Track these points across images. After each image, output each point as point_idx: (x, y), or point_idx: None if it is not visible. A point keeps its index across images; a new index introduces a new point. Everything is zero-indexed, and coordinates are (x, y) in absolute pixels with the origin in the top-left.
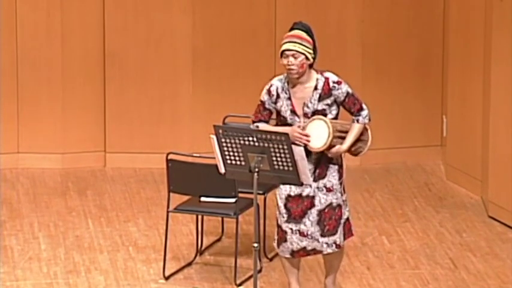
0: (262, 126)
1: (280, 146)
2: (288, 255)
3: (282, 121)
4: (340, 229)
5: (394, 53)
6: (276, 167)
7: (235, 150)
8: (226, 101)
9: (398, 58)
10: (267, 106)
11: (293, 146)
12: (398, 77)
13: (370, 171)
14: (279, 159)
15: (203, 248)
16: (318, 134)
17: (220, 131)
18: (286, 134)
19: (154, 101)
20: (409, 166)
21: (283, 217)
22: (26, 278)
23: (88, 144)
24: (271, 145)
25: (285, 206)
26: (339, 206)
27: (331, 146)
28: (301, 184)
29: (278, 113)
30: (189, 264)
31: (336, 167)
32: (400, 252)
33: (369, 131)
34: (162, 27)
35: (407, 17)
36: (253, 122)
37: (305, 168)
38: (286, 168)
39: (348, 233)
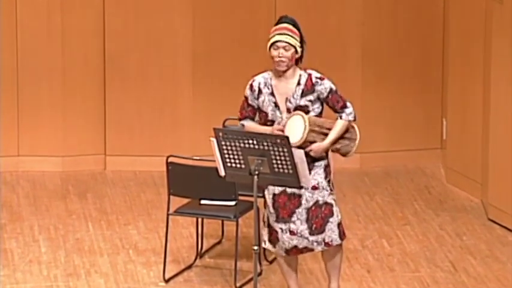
0: (248, 124)
1: (280, 149)
2: (283, 254)
3: (263, 117)
4: (330, 227)
5: (394, 56)
6: (276, 169)
7: (235, 153)
8: (227, 104)
9: (398, 61)
10: (250, 102)
11: (293, 149)
12: (399, 79)
13: (370, 174)
14: (279, 162)
15: (203, 250)
16: (295, 128)
17: (220, 134)
18: (286, 137)
19: (154, 104)
20: (409, 169)
21: (273, 217)
22: (26, 281)
23: (88, 147)
24: (271, 148)
25: (273, 205)
26: (326, 203)
27: (311, 142)
28: (301, 187)
29: (260, 109)
30: (189, 267)
31: (322, 165)
32: (400, 255)
33: (357, 129)
34: (162, 31)
35: (408, 19)
36: (239, 119)
37: (305, 170)
38: (286, 171)
39: (343, 234)
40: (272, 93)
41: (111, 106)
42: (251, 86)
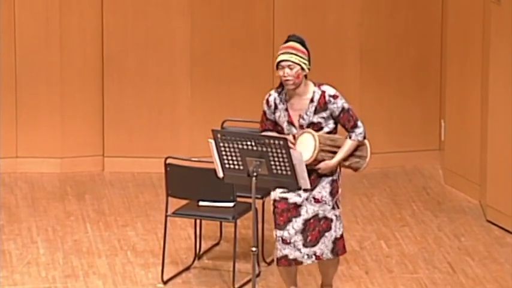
0: (268, 134)
1: (279, 151)
2: (275, 262)
3: (281, 131)
4: (323, 241)
5: (392, 57)
6: (275, 171)
7: (233, 154)
8: (225, 106)
9: (396, 62)
10: (268, 116)
11: (291, 151)
12: (397, 81)
13: (369, 176)
14: (277, 163)
15: (201, 252)
16: (306, 146)
17: (219, 136)
18: (285, 139)
19: (152, 105)
20: (408, 170)
21: (274, 222)
22: (24, 282)
23: (86, 149)
24: (269, 149)
25: (273, 211)
26: (326, 218)
27: (320, 161)
28: (299, 189)
29: (276, 123)
30: (188, 268)
31: (329, 179)
32: (399, 256)
33: (368, 148)
34: (161, 32)
35: (406, 21)
36: (260, 131)
37: (303, 172)
38: (284, 172)
39: (342, 249)
40: (287, 109)
41: (110, 107)
42: (267, 101)
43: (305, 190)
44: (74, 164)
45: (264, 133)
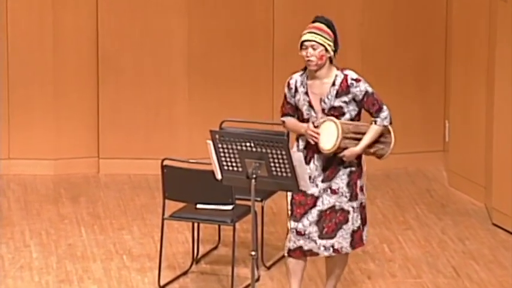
0: (288, 120)
1: (279, 152)
2: (285, 254)
3: (300, 115)
4: (341, 234)
5: (394, 57)
6: (274, 173)
7: (232, 155)
8: (223, 106)
9: (399, 62)
10: (288, 100)
11: (292, 152)
12: (399, 81)
13: (371, 178)
14: (277, 165)
15: (199, 256)
16: (328, 135)
17: (217, 136)
18: (284, 139)
19: (149, 106)
20: (411, 172)
21: (289, 213)
22: (17, 287)
23: (81, 150)
24: (269, 150)
25: (291, 201)
26: (342, 210)
27: (344, 148)
28: (300, 191)
29: (297, 107)
30: (185, 273)
31: (347, 170)
32: (402, 260)
33: (392, 133)
34: (158, 31)
35: (408, 20)
36: (281, 115)
37: (304, 174)
38: (284, 174)
39: (358, 242)
40: (307, 93)
41: (105, 107)
42: (288, 84)
43: (323, 181)
44: (68, 166)
45: (283, 118)
